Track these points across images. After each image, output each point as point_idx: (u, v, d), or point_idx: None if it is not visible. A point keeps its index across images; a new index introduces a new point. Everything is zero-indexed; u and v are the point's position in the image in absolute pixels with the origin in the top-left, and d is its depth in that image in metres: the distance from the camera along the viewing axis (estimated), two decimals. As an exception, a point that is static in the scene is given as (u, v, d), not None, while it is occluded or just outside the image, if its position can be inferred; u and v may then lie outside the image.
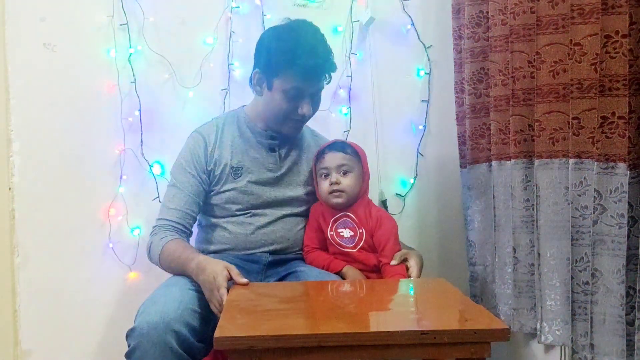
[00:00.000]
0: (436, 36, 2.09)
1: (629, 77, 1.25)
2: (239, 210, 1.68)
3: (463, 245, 1.98)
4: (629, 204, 1.28)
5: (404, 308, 1.34)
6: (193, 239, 1.75)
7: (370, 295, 1.43)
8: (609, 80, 1.28)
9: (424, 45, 2.08)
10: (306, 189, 1.75)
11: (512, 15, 1.60)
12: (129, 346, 1.35)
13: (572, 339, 1.47)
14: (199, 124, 1.79)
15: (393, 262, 1.59)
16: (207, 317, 1.40)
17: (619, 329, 1.32)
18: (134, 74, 1.97)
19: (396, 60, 2.10)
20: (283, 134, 1.71)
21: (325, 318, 1.21)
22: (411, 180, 2.12)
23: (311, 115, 1.69)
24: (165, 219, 1.64)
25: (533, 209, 1.59)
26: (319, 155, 1.70)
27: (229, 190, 1.68)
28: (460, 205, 1.97)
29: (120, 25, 1.96)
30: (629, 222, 1.28)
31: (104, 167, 1.99)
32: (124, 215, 1.99)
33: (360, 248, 1.65)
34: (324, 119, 2.01)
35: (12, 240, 1.98)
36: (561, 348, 1.59)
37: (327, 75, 1.65)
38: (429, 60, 2.09)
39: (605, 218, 1.32)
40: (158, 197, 1.98)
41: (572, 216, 1.45)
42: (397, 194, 2.11)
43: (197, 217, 1.71)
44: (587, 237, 1.41)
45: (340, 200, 1.66)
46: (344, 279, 1.61)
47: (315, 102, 1.67)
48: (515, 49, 1.60)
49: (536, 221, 1.57)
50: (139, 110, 1.98)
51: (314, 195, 1.74)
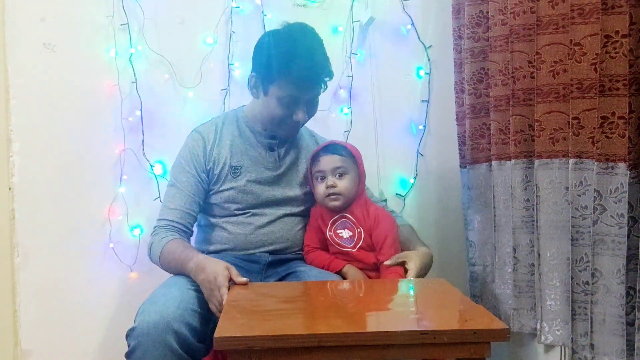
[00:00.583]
0: (436, 36, 2.09)
1: (629, 77, 1.25)
2: (238, 209, 1.68)
3: (463, 245, 1.98)
4: (629, 204, 1.28)
5: (404, 308, 1.34)
6: (192, 239, 1.75)
7: (370, 295, 1.43)
8: (609, 80, 1.28)
9: (424, 45, 2.08)
10: (304, 189, 1.75)
11: (512, 15, 1.60)
12: (128, 346, 1.35)
13: (572, 339, 1.47)
14: (199, 123, 1.79)
15: (387, 263, 1.59)
16: (207, 317, 1.40)
17: (619, 329, 1.32)
18: (135, 74, 1.97)
19: (396, 60, 2.10)
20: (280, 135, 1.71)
21: (325, 318, 1.21)
22: (411, 180, 2.12)
23: (306, 121, 1.69)
24: (166, 219, 1.64)
25: (533, 209, 1.59)
26: (314, 158, 1.70)
27: (228, 189, 1.68)
28: (460, 205, 1.97)
29: (121, 25, 1.96)
30: (629, 222, 1.28)
31: (104, 167, 1.99)
32: (124, 215, 1.99)
33: (360, 248, 1.65)
34: (324, 119, 2.01)
35: (12, 240, 1.98)
36: (561, 348, 1.59)
37: (323, 84, 1.64)
38: (429, 60, 2.09)
39: (605, 218, 1.32)
40: (159, 197, 1.98)
41: (572, 216, 1.45)
42: (397, 194, 2.11)
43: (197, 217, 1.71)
44: (587, 237, 1.41)
45: (337, 203, 1.66)
46: (344, 278, 1.61)
47: (311, 108, 1.67)
48: (515, 49, 1.60)
49: (536, 221, 1.57)
50: (140, 110, 1.98)
51: (312, 196, 1.74)
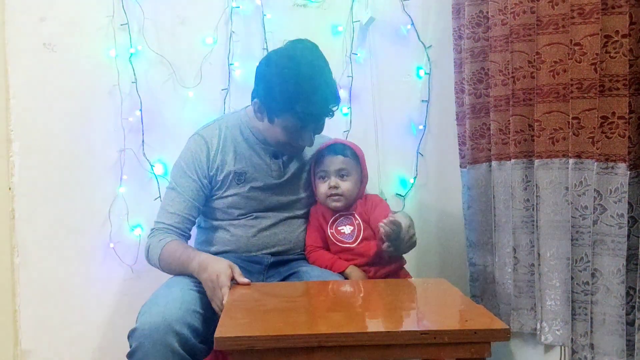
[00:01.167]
0: (436, 36, 2.09)
1: (629, 77, 1.25)
2: (241, 214, 1.67)
3: (463, 245, 1.98)
4: (629, 204, 1.28)
5: (404, 308, 1.34)
6: (193, 240, 1.75)
7: (371, 295, 1.43)
8: (609, 80, 1.28)
9: (424, 45, 2.08)
10: (307, 191, 1.74)
11: (512, 15, 1.60)
12: (130, 346, 1.35)
13: (572, 339, 1.47)
14: (199, 123, 1.78)
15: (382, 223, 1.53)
16: (209, 318, 1.40)
17: (619, 329, 1.32)
18: (134, 74, 1.97)
19: (396, 60, 2.09)
20: None
21: (326, 318, 1.22)
22: (411, 180, 2.12)
23: (312, 144, 1.65)
24: (164, 223, 1.62)
25: (533, 209, 1.59)
26: (318, 156, 1.69)
27: (232, 195, 1.66)
28: (460, 205, 1.97)
29: (121, 25, 1.96)
30: (629, 222, 1.29)
31: (104, 167, 1.99)
32: (124, 215, 1.99)
33: (361, 240, 1.65)
34: (324, 119, 2.01)
35: (12, 240, 1.98)
36: (561, 348, 1.59)
37: (331, 112, 1.59)
38: (429, 60, 2.09)
39: (605, 218, 1.32)
40: (159, 197, 1.98)
41: (572, 216, 1.45)
42: (397, 194, 2.11)
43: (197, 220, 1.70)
44: (587, 237, 1.41)
45: (339, 204, 1.66)
46: (347, 279, 1.61)
47: (318, 130, 1.63)
48: (515, 49, 1.60)
49: (536, 221, 1.57)
50: (140, 110, 1.98)
51: (314, 196, 1.73)
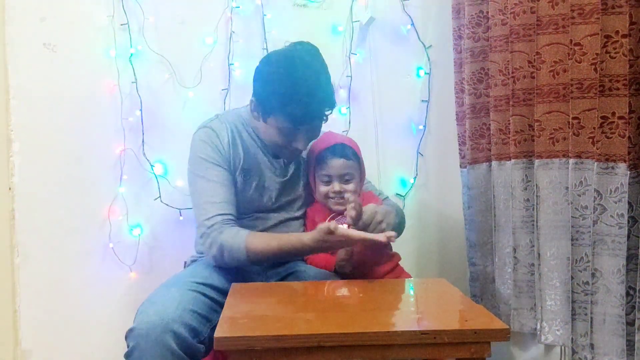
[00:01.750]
0: (436, 36, 2.09)
1: (629, 77, 1.25)
2: (243, 213, 1.65)
3: (463, 245, 1.98)
4: (629, 204, 1.28)
5: (404, 308, 1.34)
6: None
7: (370, 295, 1.43)
8: (609, 80, 1.29)
9: (424, 45, 2.08)
10: (305, 191, 1.73)
11: (512, 15, 1.61)
12: (128, 346, 1.35)
13: (572, 339, 1.47)
14: (199, 123, 1.77)
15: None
16: (207, 318, 1.40)
17: (619, 329, 1.32)
18: (134, 74, 1.97)
19: (396, 60, 2.09)
20: None
21: (325, 318, 1.21)
22: (411, 180, 2.12)
23: (307, 147, 1.64)
24: (219, 214, 1.53)
25: (533, 209, 1.59)
26: (320, 159, 1.66)
27: (236, 191, 1.63)
28: (460, 205, 1.97)
29: (121, 25, 1.96)
30: (629, 222, 1.29)
31: (104, 167, 1.99)
32: (124, 215, 1.99)
33: None
34: (324, 119, 2.01)
35: (12, 240, 1.98)
36: (561, 348, 1.59)
37: (324, 116, 1.58)
38: (429, 60, 2.09)
39: (605, 218, 1.32)
40: (159, 197, 1.98)
41: (572, 216, 1.45)
42: (397, 194, 2.11)
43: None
44: (587, 237, 1.41)
45: (341, 208, 1.65)
46: (344, 274, 1.61)
47: (312, 135, 1.62)
48: (515, 49, 1.61)
49: (536, 221, 1.57)
50: (140, 110, 1.98)
51: (312, 197, 1.72)
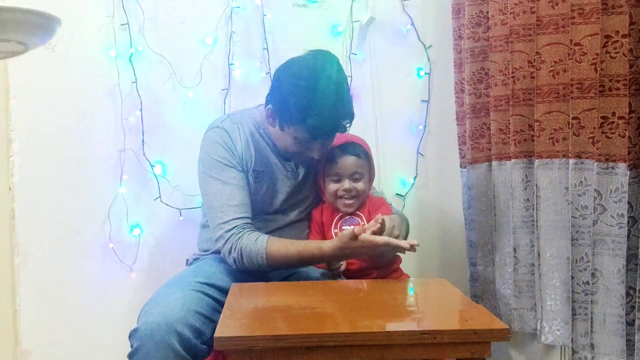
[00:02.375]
0: (436, 36, 2.09)
1: (629, 77, 1.25)
2: (252, 215, 1.64)
3: (463, 245, 1.98)
4: (629, 204, 1.28)
5: (404, 308, 1.34)
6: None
7: (371, 295, 1.43)
8: (609, 80, 1.29)
9: (424, 45, 2.08)
10: (313, 192, 1.72)
11: (512, 15, 1.61)
12: (131, 346, 1.35)
13: (572, 339, 1.47)
14: (199, 123, 1.78)
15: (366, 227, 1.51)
16: (210, 318, 1.40)
17: (619, 329, 1.32)
18: (134, 74, 1.97)
19: (396, 60, 2.09)
20: None
21: (326, 318, 1.22)
22: (411, 180, 2.12)
23: (321, 156, 1.62)
24: (238, 218, 1.52)
25: (533, 209, 1.59)
26: (330, 157, 1.64)
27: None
28: (460, 205, 1.97)
29: (121, 25, 1.96)
30: (629, 222, 1.29)
31: (104, 167, 1.99)
32: (124, 215, 1.99)
33: None
34: (324, 119, 2.01)
35: (12, 240, 1.98)
36: (561, 348, 1.60)
37: (343, 128, 1.56)
38: (429, 60, 2.09)
39: (605, 218, 1.32)
40: (159, 197, 1.98)
41: (572, 216, 1.45)
42: (397, 194, 2.11)
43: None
44: (587, 237, 1.41)
45: (350, 209, 1.65)
46: (345, 276, 1.61)
47: (329, 143, 1.61)
48: (515, 49, 1.61)
49: (536, 221, 1.57)
50: (140, 110, 1.98)
51: (319, 198, 1.72)
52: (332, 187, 1.65)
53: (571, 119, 1.42)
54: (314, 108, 1.48)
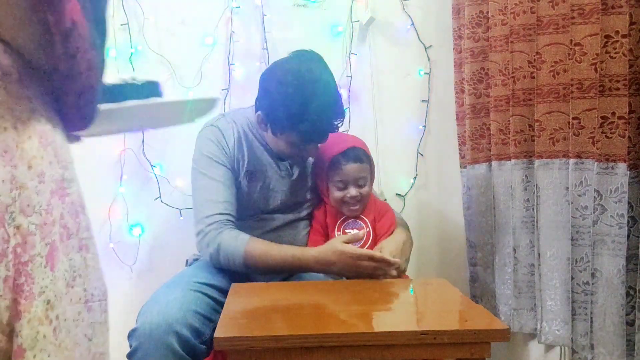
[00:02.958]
0: (436, 36, 2.09)
1: (629, 77, 1.25)
2: (248, 215, 1.65)
3: (463, 245, 1.98)
4: (629, 204, 1.28)
5: (404, 308, 1.34)
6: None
7: (370, 295, 1.43)
8: (609, 80, 1.29)
9: (424, 45, 2.08)
10: (312, 192, 1.72)
11: (512, 15, 1.61)
12: (130, 346, 1.35)
13: (572, 339, 1.47)
14: (199, 124, 1.77)
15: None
16: (209, 318, 1.40)
17: (619, 329, 1.32)
18: (134, 74, 1.97)
19: (396, 60, 2.09)
20: None
21: (326, 318, 1.22)
22: (411, 180, 2.12)
23: (316, 155, 1.64)
24: (219, 214, 1.52)
25: (533, 209, 1.59)
26: (334, 164, 1.63)
27: (241, 194, 1.62)
28: (460, 205, 1.97)
29: (121, 25, 1.96)
30: (629, 222, 1.29)
31: (104, 167, 1.99)
32: (124, 215, 1.99)
33: (369, 247, 1.62)
34: (324, 119, 2.01)
35: (12, 240, 1.98)
36: (561, 348, 1.60)
37: (335, 127, 1.56)
38: (429, 60, 2.09)
39: (605, 218, 1.32)
40: (159, 197, 1.98)
41: (572, 216, 1.45)
42: (397, 194, 2.11)
43: None
44: (587, 237, 1.41)
45: (356, 213, 1.65)
46: (346, 277, 1.61)
47: (322, 142, 1.60)
48: (515, 49, 1.61)
49: (536, 221, 1.57)
50: (140, 110, 1.98)
51: (319, 197, 1.72)
52: (338, 195, 1.63)
53: (571, 119, 1.42)
54: (304, 114, 1.46)
